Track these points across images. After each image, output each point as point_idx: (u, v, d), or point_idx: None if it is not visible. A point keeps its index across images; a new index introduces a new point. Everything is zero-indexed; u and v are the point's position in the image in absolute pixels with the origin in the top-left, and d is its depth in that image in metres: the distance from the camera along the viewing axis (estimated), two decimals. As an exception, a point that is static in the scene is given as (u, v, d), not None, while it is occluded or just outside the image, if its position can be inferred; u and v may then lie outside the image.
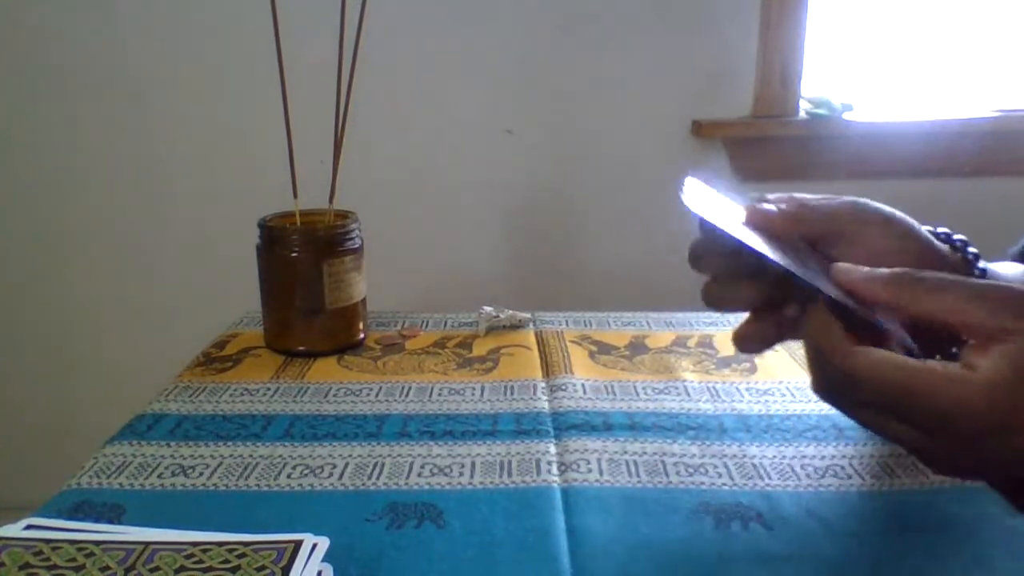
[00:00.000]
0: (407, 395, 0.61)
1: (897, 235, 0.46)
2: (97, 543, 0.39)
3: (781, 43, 1.41)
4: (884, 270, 0.38)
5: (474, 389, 0.62)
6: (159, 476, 0.49)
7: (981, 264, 0.48)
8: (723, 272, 0.47)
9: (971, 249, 0.49)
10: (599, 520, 0.44)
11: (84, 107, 1.39)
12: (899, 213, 0.47)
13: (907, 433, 0.37)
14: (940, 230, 0.50)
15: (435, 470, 0.50)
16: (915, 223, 0.47)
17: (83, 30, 1.36)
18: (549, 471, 0.50)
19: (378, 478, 0.49)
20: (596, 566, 0.40)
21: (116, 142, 1.41)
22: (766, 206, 0.46)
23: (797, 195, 0.47)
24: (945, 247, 0.48)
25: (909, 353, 0.37)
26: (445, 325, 0.77)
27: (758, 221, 0.45)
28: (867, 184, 1.40)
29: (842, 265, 0.40)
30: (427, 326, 0.76)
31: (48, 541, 0.39)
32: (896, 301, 0.38)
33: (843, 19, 1.47)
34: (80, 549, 0.38)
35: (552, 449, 0.52)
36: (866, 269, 0.39)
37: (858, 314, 0.39)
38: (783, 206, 0.46)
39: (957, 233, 0.50)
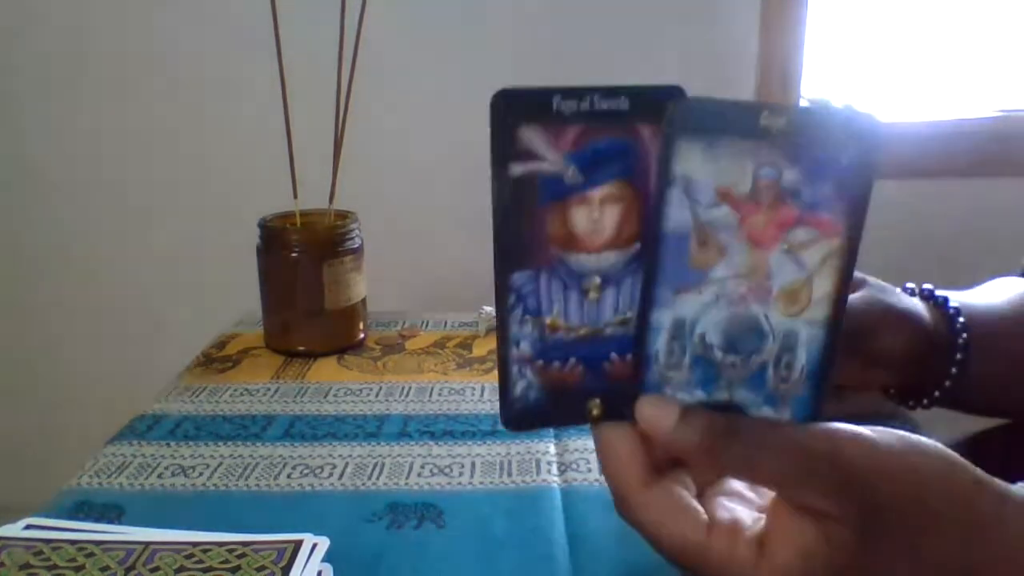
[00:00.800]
0: (407, 395, 0.61)
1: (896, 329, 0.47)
2: (97, 543, 0.39)
3: (781, 43, 1.41)
4: (696, 419, 0.31)
5: (474, 389, 0.62)
6: (159, 476, 0.49)
7: (961, 319, 0.50)
8: None
9: (952, 304, 0.50)
10: (599, 520, 0.44)
11: (82, 106, 1.39)
12: (892, 300, 0.48)
13: None
14: (924, 287, 0.51)
15: (435, 470, 0.50)
16: (897, 301, 0.48)
17: (81, 29, 1.36)
18: (549, 471, 0.50)
19: (378, 478, 0.49)
20: (596, 566, 0.40)
21: (115, 141, 1.41)
22: None
23: None
24: (922, 308, 0.50)
25: None
26: (445, 325, 0.77)
27: None
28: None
29: (648, 407, 0.32)
30: (427, 326, 0.76)
31: (48, 541, 0.39)
32: (710, 462, 0.33)
33: (843, 19, 1.47)
34: (80, 549, 0.38)
35: (552, 449, 0.52)
36: (674, 418, 0.31)
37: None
38: None
39: (939, 288, 0.51)
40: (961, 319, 0.50)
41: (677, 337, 0.32)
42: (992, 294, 0.54)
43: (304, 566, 0.37)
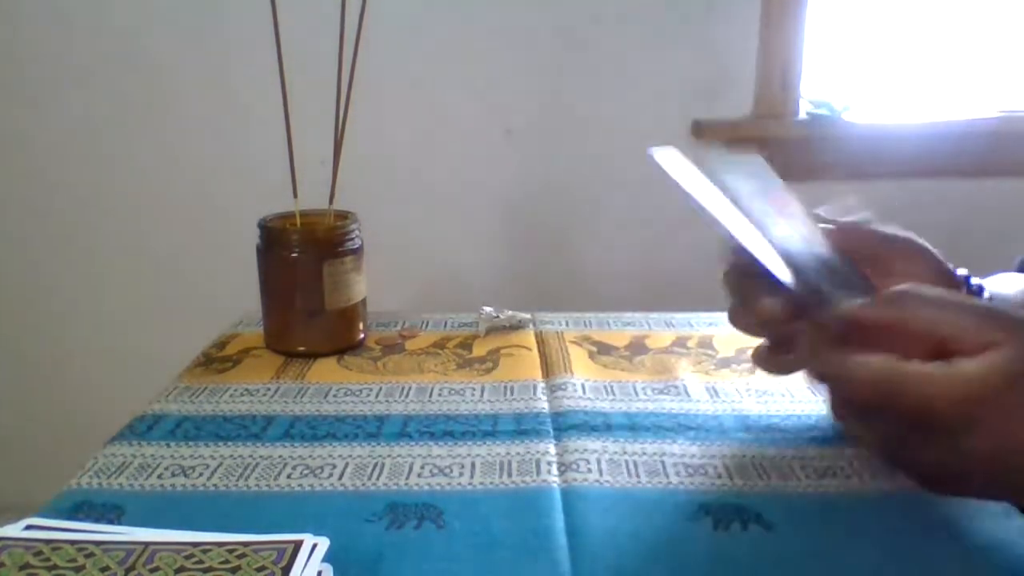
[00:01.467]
0: (407, 395, 0.61)
1: (930, 270, 0.52)
2: (97, 543, 0.39)
3: (781, 43, 1.41)
4: (887, 291, 0.41)
5: (474, 389, 0.62)
6: (159, 476, 0.49)
7: (986, 295, 0.53)
8: (745, 294, 0.48)
9: (974, 282, 0.54)
10: (599, 520, 0.44)
11: (82, 107, 1.40)
12: (932, 249, 0.53)
13: (890, 428, 0.40)
14: (959, 272, 0.53)
15: (435, 470, 0.50)
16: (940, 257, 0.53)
17: (82, 29, 1.36)
18: (549, 471, 0.50)
19: (378, 478, 0.49)
20: (596, 566, 0.40)
21: (115, 142, 1.41)
22: None
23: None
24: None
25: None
26: (445, 326, 0.77)
27: None
28: (869, 185, 1.40)
29: (846, 306, 0.42)
30: (427, 327, 0.76)
31: (48, 541, 0.39)
32: (898, 317, 0.40)
33: (844, 19, 1.47)
34: (80, 549, 0.38)
35: (552, 449, 0.52)
36: (871, 302, 0.41)
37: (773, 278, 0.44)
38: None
39: (960, 269, 0.54)
40: (986, 295, 0.53)
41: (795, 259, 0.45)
42: (1003, 287, 0.55)
43: (304, 566, 0.37)
